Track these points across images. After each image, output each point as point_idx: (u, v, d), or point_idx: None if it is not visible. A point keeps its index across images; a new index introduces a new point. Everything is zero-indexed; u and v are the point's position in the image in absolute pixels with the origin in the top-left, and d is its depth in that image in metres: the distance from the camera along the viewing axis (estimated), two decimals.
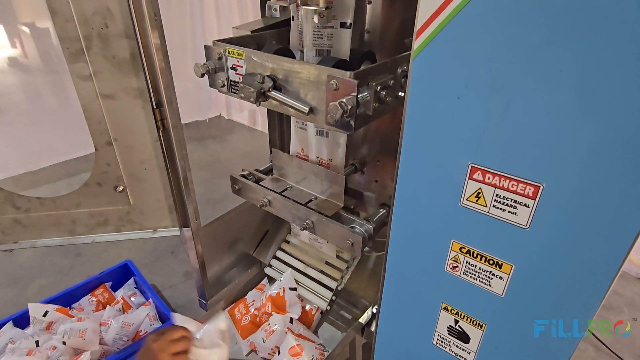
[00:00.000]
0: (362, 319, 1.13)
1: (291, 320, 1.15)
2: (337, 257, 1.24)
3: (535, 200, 0.51)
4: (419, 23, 0.51)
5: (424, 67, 0.53)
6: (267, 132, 1.26)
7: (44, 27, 2.55)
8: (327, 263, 1.26)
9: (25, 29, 2.56)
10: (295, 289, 1.20)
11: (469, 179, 0.55)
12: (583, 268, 0.52)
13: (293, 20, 0.94)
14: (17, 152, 2.58)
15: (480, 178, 0.54)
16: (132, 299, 1.62)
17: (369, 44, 1.05)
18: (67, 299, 1.56)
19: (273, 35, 1.01)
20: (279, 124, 1.34)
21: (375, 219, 0.96)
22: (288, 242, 1.36)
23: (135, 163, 1.04)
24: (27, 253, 1.52)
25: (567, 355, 0.59)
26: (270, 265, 1.34)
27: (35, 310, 1.43)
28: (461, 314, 0.69)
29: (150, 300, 1.58)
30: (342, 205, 0.99)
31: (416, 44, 0.52)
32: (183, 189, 1.06)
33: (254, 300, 1.27)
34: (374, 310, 1.11)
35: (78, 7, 0.85)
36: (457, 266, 0.64)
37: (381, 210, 1.00)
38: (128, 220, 1.13)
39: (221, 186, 2.57)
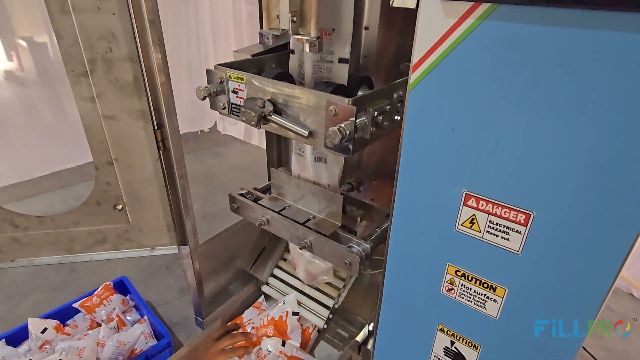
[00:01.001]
0: (359, 337, 1.14)
1: (283, 343, 1.15)
2: (334, 274, 1.25)
3: (526, 227, 0.53)
4: (415, 58, 0.53)
5: (420, 100, 0.55)
6: (262, 146, 1.28)
7: (41, 41, 2.58)
8: None
9: (23, 43, 2.59)
10: (297, 314, 1.21)
11: (463, 205, 0.58)
12: (573, 292, 0.54)
13: (293, 53, 0.97)
14: (10, 162, 2.58)
15: (474, 205, 0.57)
16: (128, 316, 1.61)
17: (365, 68, 1.09)
18: (61, 316, 1.55)
19: (273, 59, 1.04)
20: (276, 142, 1.36)
21: (372, 238, 0.98)
22: (285, 259, 1.37)
23: (135, 182, 1.06)
24: (20, 269, 1.51)
25: None
26: (267, 283, 1.35)
27: (35, 325, 1.42)
28: (457, 336, 0.70)
29: (146, 317, 1.57)
30: (340, 225, 1.01)
31: (412, 77, 0.55)
32: (182, 208, 1.07)
33: (250, 319, 1.27)
34: (370, 328, 1.12)
35: (83, 32, 0.87)
36: (452, 289, 0.66)
37: (377, 229, 1.02)
38: (126, 238, 1.13)
39: (217, 201, 2.57)
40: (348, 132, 0.71)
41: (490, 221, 0.56)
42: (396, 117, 0.81)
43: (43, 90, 2.63)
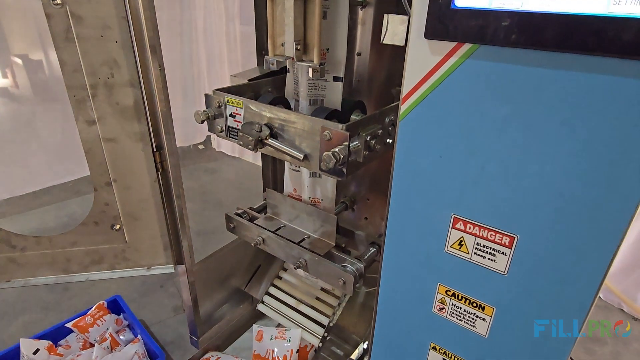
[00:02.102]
0: (354, 355, 1.15)
1: None
2: (329, 293, 1.27)
3: (511, 249, 0.56)
4: (404, 91, 0.57)
5: (409, 129, 0.59)
6: (255, 162, 1.31)
7: (37, 59, 2.61)
8: (318, 299, 1.28)
9: (18, 61, 2.62)
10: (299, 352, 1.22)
11: (452, 228, 0.61)
12: (557, 311, 0.57)
13: (289, 72, 1.01)
14: (3, 177, 2.58)
15: (462, 228, 0.60)
16: (121, 336, 1.59)
17: (358, 91, 1.13)
18: (53, 336, 1.53)
19: (269, 83, 1.08)
20: (272, 162, 1.39)
21: (365, 258, 1.00)
22: (280, 278, 1.39)
23: (133, 202, 1.08)
24: (12, 288, 1.50)
25: None
26: (263, 302, 1.35)
27: (27, 346, 1.40)
28: (449, 354, 0.72)
29: (139, 337, 1.56)
30: (334, 244, 1.03)
31: (402, 108, 0.58)
32: (179, 227, 1.09)
33: (255, 351, 1.26)
34: (365, 346, 1.13)
35: (87, 59, 0.90)
36: (444, 308, 0.68)
37: (371, 248, 1.05)
38: (123, 257, 1.14)
39: (211, 218, 2.57)
40: (342, 156, 0.74)
41: (477, 243, 0.59)
42: (388, 140, 0.85)
43: (36, 107, 2.65)
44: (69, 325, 1.55)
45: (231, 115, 0.93)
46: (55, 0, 0.85)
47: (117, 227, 1.09)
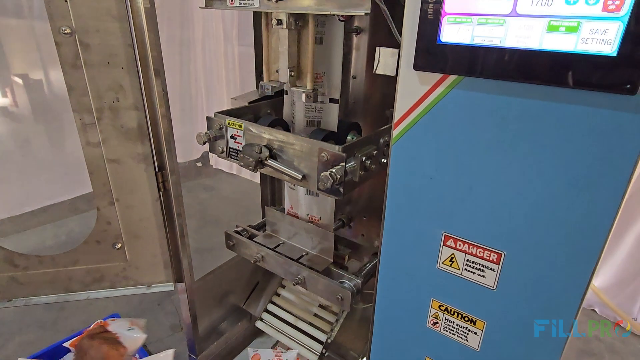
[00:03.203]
0: None
1: None
2: (327, 309, 1.28)
3: (499, 265, 0.60)
4: (396, 117, 0.61)
5: (401, 152, 0.63)
6: (253, 179, 1.33)
7: (37, 78, 2.66)
8: (316, 315, 1.30)
9: (18, 80, 2.66)
10: None
11: (443, 245, 0.64)
12: (544, 324, 0.60)
13: (286, 94, 1.05)
14: (1, 196, 2.59)
15: (453, 245, 0.63)
16: None
17: (354, 112, 1.17)
18: (50, 356, 1.53)
19: (268, 105, 1.12)
20: (270, 180, 1.43)
21: (363, 274, 1.02)
22: (279, 294, 1.40)
23: (135, 221, 1.10)
24: (9, 307, 1.50)
25: None
26: (261, 319, 1.37)
27: None
28: None
29: (137, 356, 1.56)
30: (332, 261, 1.06)
31: (394, 133, 0.62)
32: (179, 245, 1.12)
33: None
34: None
35: (93, 84, 0.94)
36: (437, 322, 0.71)
37: (368, 265, 1.07)
38: (124, 276, 1.16)
39: (209, 235, 2.59)
40: (339, 176, 0.78)
41: (467, 260, 0.62)
42: (383, 160, 0.89)
43: (34, 126, 2.69)
44: (66, 344, 1.55)
45: (232, 137, 0.96)
46: (65, 30, 0.90)
47: (119, 245, 1.11)
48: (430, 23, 0.52)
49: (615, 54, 0.43)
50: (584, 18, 0.44)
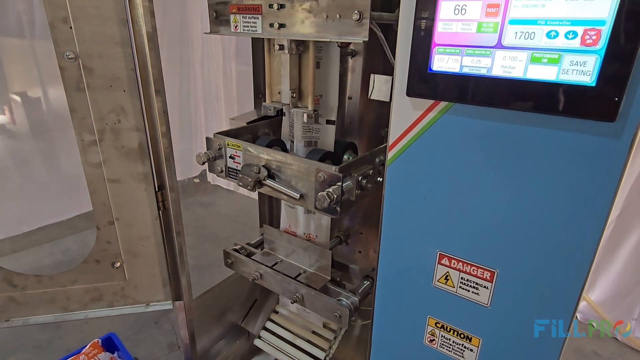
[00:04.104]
0: None
1: None
2: (325, 326, 1.29)
3: (492, 282, 0.61)
4: (390, 140, 0.64)
5: (396, 174, 0.65)
6: (250, 196, 1.34)
7: (35, 96, 2.68)
8: (314, 333, 1.30)
9: (17, 98, 2.68)
10: None
11: (438, 264, 0.66)
12: (539, 340, 0.61)
13: (285, 115, 1.08)
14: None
15: (447, 263, 0.65)
16: None
17: (350, 132, 1.20)
18: None
19: (266, 125, 1.15)
20: (268, 198, 1.44)
21: (360, 291, 1.03)
22: (277, 312, 1.40)
23: (134, 240, 1.11)
24: (5, 328, 1.49)
25: None
26: (260, 337, 1.36)
27: None
28: None
29: None
30: (330, 279, 1.07)
31: (389, 155, 0.65)
32: (178, 263, 1.12)
33: None
34: None
35: (95, 107, 0.97)
36: (434, 339, 0.72)
37: (365, 282, 1.08)
38: (122, 295, 1.16)
39: (207, 252, 2.58)
40: (336, 196, 0.80)
41: (462, 278, 0.64)
42: (379, 179, 0.91)
43: (33, 144, 2.70)
44: None
45: (231, 157, 0.99)
46: (69, 55, 0.93)
47: (118, 264, 1.11)
48: (421, 53, 0.55)
49: (594, 84, 0.45)
50: (564, 51, 0.47)
